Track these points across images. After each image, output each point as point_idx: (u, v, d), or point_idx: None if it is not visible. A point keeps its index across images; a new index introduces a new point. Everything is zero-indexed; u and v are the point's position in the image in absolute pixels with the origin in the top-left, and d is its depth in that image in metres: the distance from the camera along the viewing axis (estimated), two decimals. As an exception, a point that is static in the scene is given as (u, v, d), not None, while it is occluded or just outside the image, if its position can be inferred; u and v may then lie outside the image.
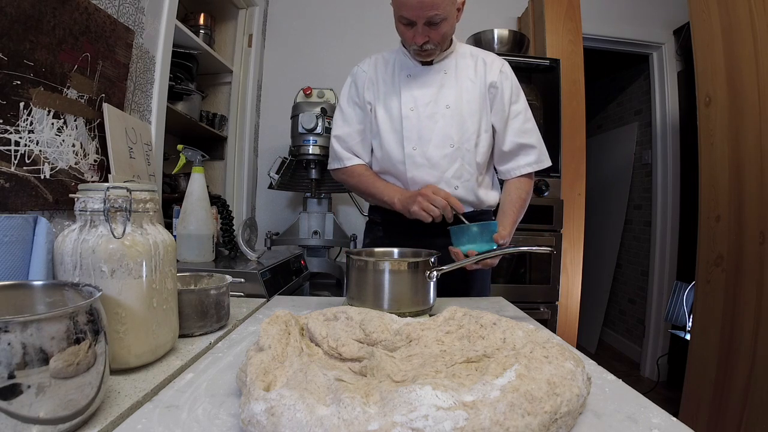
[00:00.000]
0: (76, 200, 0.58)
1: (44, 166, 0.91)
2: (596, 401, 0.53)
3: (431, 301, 0.91)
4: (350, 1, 2.56)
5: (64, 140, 0.97)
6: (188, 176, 1.27)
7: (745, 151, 1.51)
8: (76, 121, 1.00)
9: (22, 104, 0.86)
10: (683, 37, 2.70)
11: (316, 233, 2.11)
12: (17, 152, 0.85)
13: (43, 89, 0.91)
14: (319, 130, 1.94)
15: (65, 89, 0.97)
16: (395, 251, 1.04)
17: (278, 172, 2.05)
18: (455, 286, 1.16)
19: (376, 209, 1.30)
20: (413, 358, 0.56)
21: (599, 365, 0.66)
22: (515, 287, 2.08)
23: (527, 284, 2.09)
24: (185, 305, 0.73)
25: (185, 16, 2.01)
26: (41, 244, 0.61)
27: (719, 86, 1.61)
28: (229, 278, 0.83)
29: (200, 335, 0.76)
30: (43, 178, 0.91)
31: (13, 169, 0.84)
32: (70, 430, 0.43)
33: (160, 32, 1.41)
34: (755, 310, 1.43)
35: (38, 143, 0.90)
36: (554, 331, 1.83)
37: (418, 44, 1.08)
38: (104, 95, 1.10)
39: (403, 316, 0.72)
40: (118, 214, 0.58)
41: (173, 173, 1.67)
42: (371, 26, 2.51)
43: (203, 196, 1.23)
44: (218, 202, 1.44)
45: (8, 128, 0.83)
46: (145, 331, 0.59)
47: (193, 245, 1.21)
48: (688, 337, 2.13)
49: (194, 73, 1.95)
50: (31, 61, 0.88)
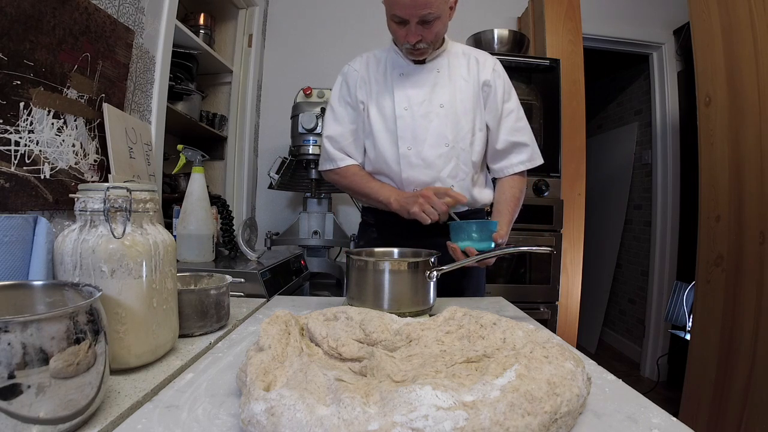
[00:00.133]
0: (76, 200, 0.58)
1: (44, 166, 0.91)
2: (596, 401, 0.53)
3: (431, 301, 0.91)
4: (350, 1, 2.56)
5: (64, 140, 0.97)
6: (188, 176, 1.27)
7: (745, 151, 1.51)
8: (76, 121, 1.00)
9: (22, 104, 0.86)
10: (683, 37, 2.70)
11: (316, 233, 2.11)
12: (17, 152, 0.85)
13: (43, 89, 0.91)
14: (319, 130, 1.94)
15: (65, 89, 0.97)
16: (395, 251, 1.04)
17: (278, 172, 2.05)
18: (450, 285, 1.15)
19: (369, 210, 1.29)
20: (413, 358, 0.56)
21: (599, 365, 0.66)
22: (515, 287, 2.08)
23: (527, 284, 2.09)
24: (185, 305, 0.73)
25: (185, 16, 2.01)
26: (41, 244, 0.61)
27: (719, 86, 1.61)
28: (229, 278, 0.83)
29: (200, 335, 0.76)
30: (43, 178, 0.91)
31: (13, 169, 0.84)
32: (70, 430, 0.43)
33: (160, 32, 1.41)
34: (755, 310, 1.43)
35: (38, 143, 0.90)
36: (554, 331, 1.83)
37: (411, 43, 1.07)
38: (104, 95, 1.10)
39: (403, 316, 0.72)
40: (118, 214, 0.58)
41: (173, 173, 1.67)
42: (371, 26, 2.51)
43: (203, 196, 1.23)
44: (218, 202, 1.44)
45: (8, 128, 0.83)
46: (145, 331, 0.59)
47: (193, 245, 1.21)
48: (688, 337, 2.13)
49: (194, 73, 1.95)
50: (31, 61, 0.88)
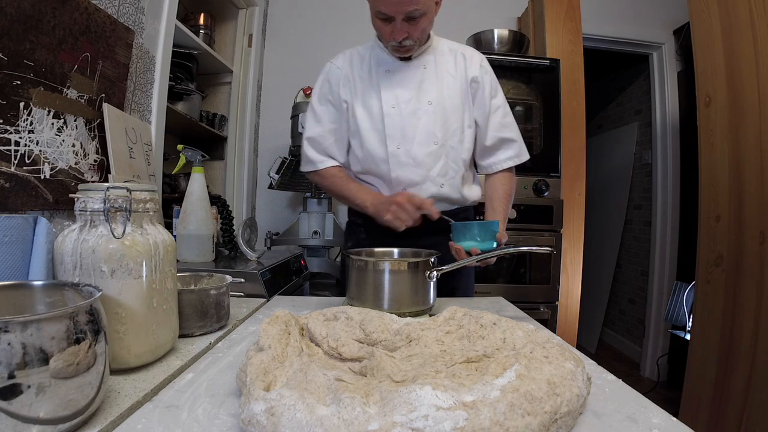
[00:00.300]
0: (76, 200, 0.58)
1: (44, 166, 0.91)
2: (596, 401, 0.53)
3: (431, 301, 0.91)
4: (350, 1, 2.56)
5: (64, 140, 0.97)
6: (188, 176, 1.27)
7: (745, 151, 1.51)
8: (76, 121, 1.00)
9: (22, 104, 0.86)
10: (683, 37, 2.70)
11: (316, 233, 2.11)
12: (17, 152, 0.85)
13: (43, 89, 0.91)
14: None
15: (65, 89, 0.97)
16: (395, 251, 1.04)
17: (278, 172, 2.05)
18: (442, 285, 1.14)
19: (356, 211, 1.25)
20: (413, 358, 0.56)
21: (599, 365, 0.66)
22: (515, 287, 2.08)
23: (527, 284, 2.09)
24: (185, 305, 0.73)
25: (185, 16, 2.01)
26: (41, 244, 0.61)
27: (719, 86, 1.61)
28: (229, 278, 0.83)
29: (200, 335, 0.76)
30: (43, 178, 0.91)
31: (13, 169, 0.84)
32: (70, 430, 0.43)
33: (160, 32, 1.41)
34: (755, 310, 1.43)
35: (38, 143, 0.90)
36: (554, 331, 1.83)
37: (397, 40, 1.04)
38: (104, 95, 1.10)
39: (403, 316, 0.72)
40: (118, 214, 0.58)
41: (173, 173, 1.67)
42: (371, 26, 2.51)
43: (203, 196, 1.24)
44: (218, 202, 1.44)
45: (8, 128, 0.83)
46: (145, 331, 0.59)
47: (193, 245, 1.21)
48: (688, 337, 2.13)
49: (194, 73, 1.95)
50: (31, 61, 0.88)
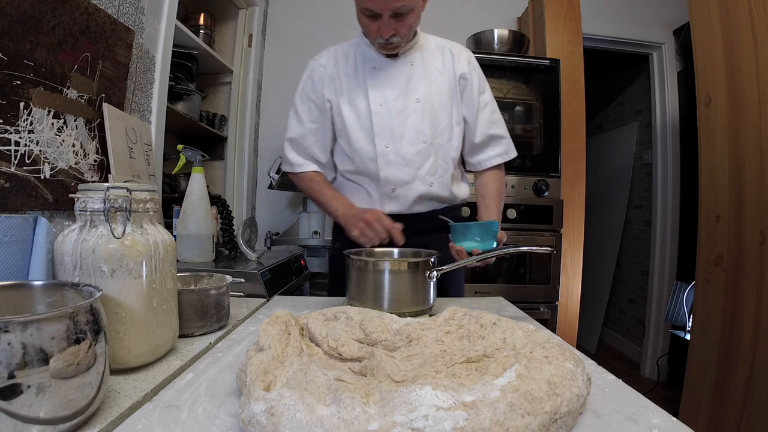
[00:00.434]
0: (76, 200, 0.58)
1: (44, 166, 0.92)
2: (596, 401, 0.53)
3: (431, 301, 0.91)
4: (350, 1, 2.56)
5: (64, 140, 0.97)
6: (188, 176, 1.27)
7: (745, 151, 1.51)
8: (76, 121, 1.00)
9: (22, 104, 0.86)
10: (683, 37, 2.70)
11: (316, 233, 2.11)
12: (17, 152, 0.85)
13: (43, 89, 0.91)
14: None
15: (65, 89, 0.97)
16: (395, 251, 1.04)
17: (278, 172, 2.05)
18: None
19: None
20: (413, 358, 0.56)
21: (599, 365, 0.66)
22: (515, 287, 2.08)
23: (527, 284, 2.09)
24: (185, 305, 0.73)
25: (185, 16, 2.01)
26: (41, 244, 0.61)
27: (719, 86, 1.61)
28: (229, 278, 0.83)
29: (200, 335, 0.76)
30: (43, 178, 0.91)
31: (13, 169, 0.84)
32: (70, 430, 0.43)
33: (160, 32, 1.41)
34: (755, 310, 1.43)
35: (38, 143, 0.90)
36: (554, 331, 1.83)
37: (384, 38, 1.03)
38: (104, 95, 1.10)
39: (403, 316, 0.72)
40: (118, 214, 0.58)
41: (173, 173, 1.67)
42: (371, 26, 2.51)
43: (203, 196, 1.24)
44: (218, 202, 1.44)
45: (8, 128, 0.83)
46: (145, 331, 0.59)
47: (193, 245, 1.21)
48: (688, 337, 2.13)
49: (194, 73, 1.95)
50: (31, 61, 0.88)
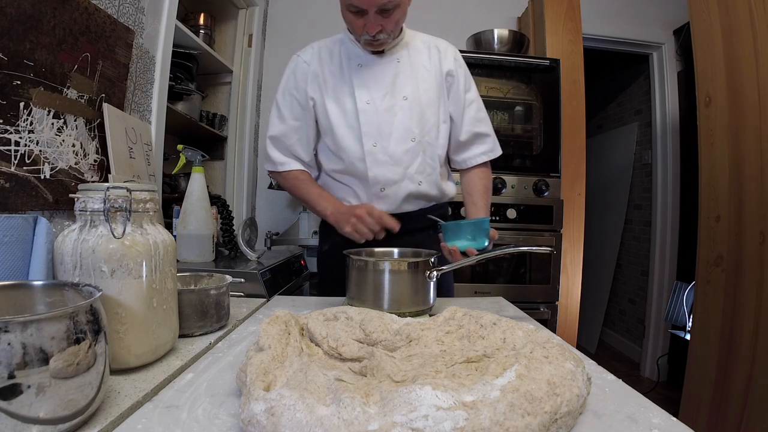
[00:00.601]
0: (76, 200, 0.58)
1: (44, 166, 0.92)
2: (596, 401, 0.53)
3: (431, 301, 0.91)
4: (350, 1, 2.56)
5: (64, 140, 0.97)
6: (188, 176, 1.27)
7: (745, 151, 1.51)
8: (76, 121, 1.00)
9: (22, 104, 0.86)
10: (683, 37, 2.70)
11: (316, 233, 2.11)
12: (17, 152, 0.85)
13: (43, 89, 0.91)
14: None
15: (65, 89, 0.97)
16: (395, 251, 1.04)
17: (278, 172, 2.05)
18: None
19: None
20: (413, 358, 0.56)
21: (599, 365, 0.66)
22: (515, 287, 2.08)
23: (527, 284, 2.09)
24: (185, 305, 0.73)
25: (185, 16, 2.01)
26: (41, 244, 0.61)
27: (719, 86, 1.61)
28: (229, 278, 0.83)
29: (200, 335, 0.76)
30: (43, 178, 0.91)
31: (13, 169, 0.84)
32: (70, 430, 0.43)
33: (160, 32, 1.41)
34: (755, 310, 1.43)
35: (38, 143, 0.90)
36: (554, 331, 1.83)
37: (371, 34, 1.01)
38: (104, 95, 1.10)
39: (403, 316, 0.72)
40: (118, 214, 0.58)
41: (173, 173, 1.67)
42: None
43: (203, 196, 1.24)
44: (218, 202, 1.44)
45: (8, 128, 0.83)
46: (145, 331, 0.59)
47: (193, 245, 1.21)
48: (688, 337, 2.13)
49: (194, 73, 1.95)
50: (31, 61, 0.88)
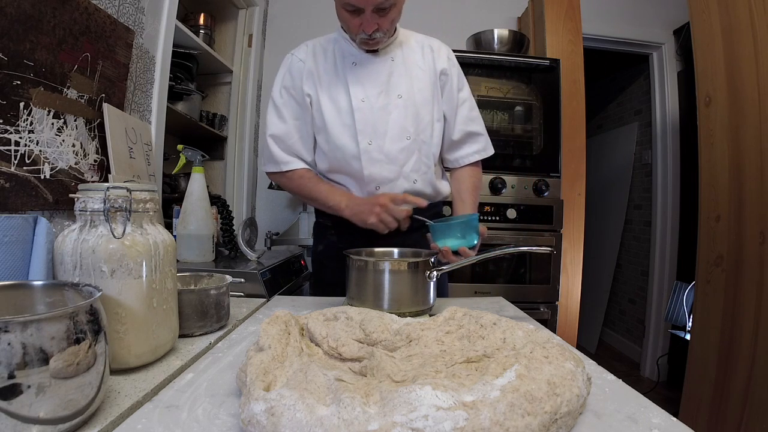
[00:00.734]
0: (76, 200, 0.58)
1: (44, 166, 0.92)
2: (596, 401, 0.53)
3: (431, 301, 0.91)
4: (350, 1, 2.56)
5: (64, 140, 0.97)
6: (188, 176, 1.27)
7: (745, 151, 1.51)
8: (76, 121, 1.00)
9: (22, 104, 0.86)
10: (683, 37, 2.70)
11: (316, 233, 2.10)
12: (17, 152, 0.85)
13: (43, 89, 0.91)
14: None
15: (65, 89, 0.97)
16: (395, 251, 1.04)
17: (278, 172, 2.05)
18: None
19: (326, 212, 1.19)
20: (413, 358, 0.56)
21: (599, 365, 0.66)
22: (515, 287, 2.08)
23: (527, 284, 2.09)
24: (185, 305, 0.73)
25: (185, 16, 2.01)
26: (41, 244, 0.61)
27: (719, 86, 1.61)
28: (229, 278, 0.83)
29: (200, 335, 0.76)
30: (43, 178, 0.91)
31: (13, 169, 0.84)
32: (70, 430, 0.43)
33: (160, 32, 1.41)
34: (755, 310, 1.43)
35: (38, 143, 0.90)
36: (554, 331, 1.83)
37: (367, 33, 1.00)
38: (104, 95, 1.10)
39: (403, 316, 0.72)
40: (118, 214, 0.58)
41: (173, 173, 1.67)
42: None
43: (203, 196, 1.24)
44: (218, 202, 1.44)
45: (8, 128, 0.83)
46: (145, 331, 0.59)
47: (193, 245, 1.21)
48: (688, 337, 2.13)
49: (194, 73, 1.95)
50: (31, 61, 0.88)
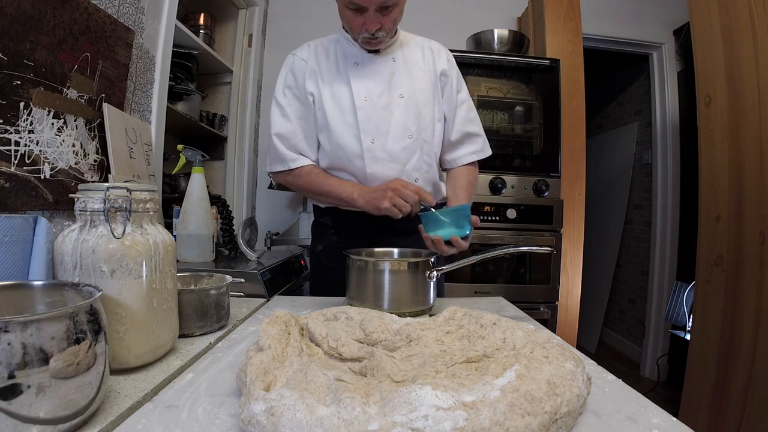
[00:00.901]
0: (76, 200, 0.58)
1: (44, 166, 0.92)
2: (596, 401, 0.53)
3: (431, 301, 0.91)
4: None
5: (64, 140, 0.97)
6: (188, 176, 1.27)
7: (745, 151, 1.51)
8: (76, 121, 1.00)
9: (22, 104, 0.86)
10: (683, 37, 2.70)
11: (316, 233, 2.10)
12: (17, 152, 0.85)
13: (43, 89, 0.91)
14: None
15: (65, 89, 0.97)
16: (395, 251, 1.04)
17: (278, 172, 2.05)
18: None
19: (326, 211, 1.21)
20: (413, 358, 0.56)
21: (599, 365, 0.66)
22: (515, 287, 2.08)
23: (527, 284, 2.09)
24: (185, 305, 0.73)
25: (185, 16, 2.01)
26: (41, 244, 0.61)
27: (719, 86, 1.61)
28: (229, 278, 0.83)
29: (200, 335, 0.76)
30: (43, 178, 0.91)
31: (13, 169, 0.84)
32: (70, 430, 0.43)
33: (160, 32, 1.41)
34: (755, 310, 1.43)
35: (38, 143, 0.90)
36: (554, 331, 1.83)
37: (370, 32, 1.01)
38: (104, 95, 1.10)
39: (403, 316, 0.72)
40: (118, 214, 0.58)
41: (173, 173, 1.67)
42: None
43: (203, 196, 1.24)
44: (218, 202, 1.44)
45: (8, 128, 0.83)
46: (145, 331, 0.59)
47: (193, 245, 1.21)
48: (688, 337, 2.13)
49: (194, 73, 1.95)
50: (31, 61, 0.88)
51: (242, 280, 1.04)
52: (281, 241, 2.11)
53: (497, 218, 2.04)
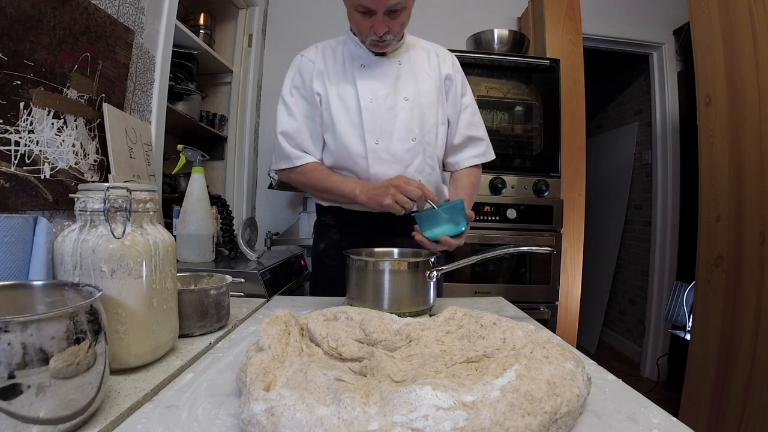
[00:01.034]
0: (76, 200, 0.58)
1: (44, 166, 0.92)
2: (596, 401, 0.53)
3: (431, 301, 0.91)
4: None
5: (64, 140, 0.97)
6: (188, 176, 1.27)
7: (745, 151, 1.51)
8: (76, 121, 1.00)
9: (22, 104, 0.86)
10: (683, 37, 2.70)
11: (316, 233, 2.10)
12: (17, 152, 0.85)
13: (43, 89, 0.91)
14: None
15: (65, 89, 0.97)
16: (395, 251, 1.04)
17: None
18: None
19: (328, 210, 1.21)
20: (413, 358, 0.56)
21: (599, 365, 0.66)
22: (515, 287, 2.08)
23: (527, 284, 2.09)
24: (185, 305, 0.73)
25: (185, 16, 2.01)
26: (41, 244, 0.61)
27: (719, 86, 1.61)
28: (229, 278, 0.83)
29: (200, 335, 0.76)
30: (43, 178, 0.91)
31: (13, 169, 0.84)
32: (70, 430, 0.43)
33: (160, 32, 1.41)
34: (755, 310, 1.43)
35: (38, 143, 0.90)
36: (554, 331, 1.83)
37: (379, 35, 1.03)
38: (104, 95, 1.10)
39: (403, 316, 0.72)
40: (118, 214, 0.58)
41: (173, 173, 1.67)
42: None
43: (203, 196, 1.24)
44: (218, 202, 1.44)
45: (8, 128, 0.83)
46: (145, 331, 0.59)
47: (193, 245, 1.21)
48: (688, 337, 2.13)
49: (194, 73, 1.95)
50: (31, 61, 0.88)
51: (242, 280, 1.04)
52: (281, 241, 2.11)
53: (497, 218, 2.04)
